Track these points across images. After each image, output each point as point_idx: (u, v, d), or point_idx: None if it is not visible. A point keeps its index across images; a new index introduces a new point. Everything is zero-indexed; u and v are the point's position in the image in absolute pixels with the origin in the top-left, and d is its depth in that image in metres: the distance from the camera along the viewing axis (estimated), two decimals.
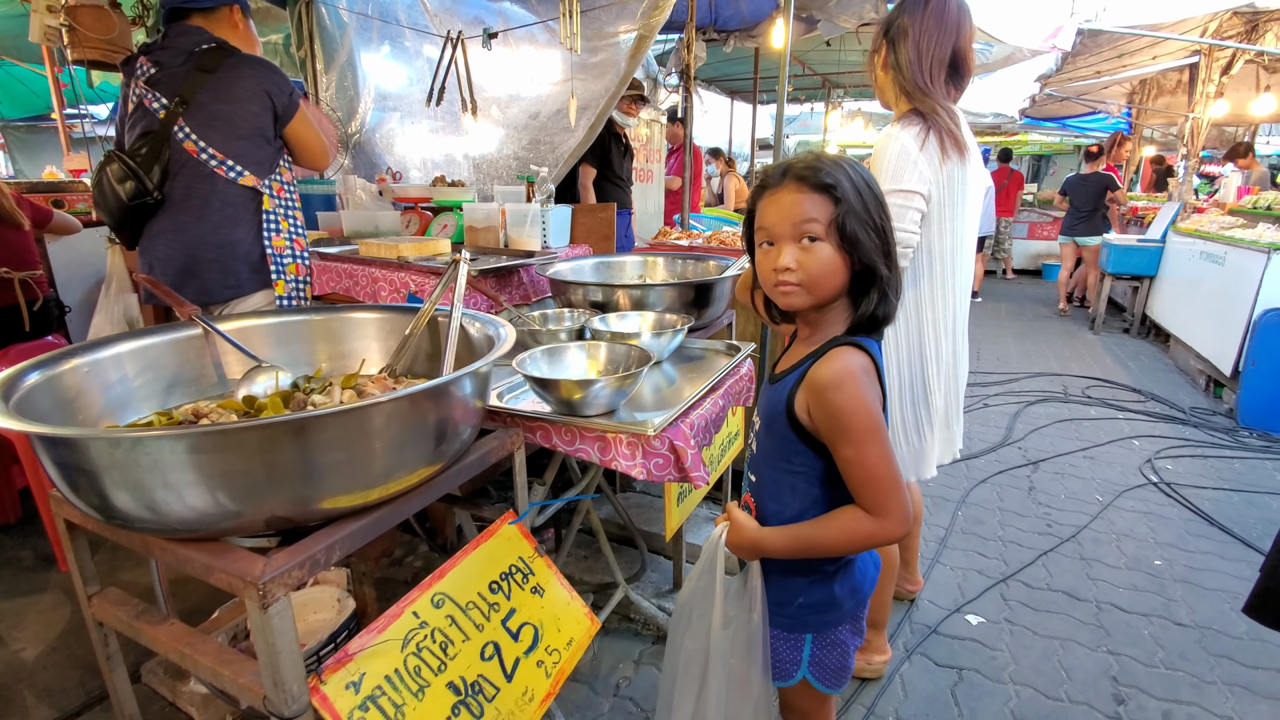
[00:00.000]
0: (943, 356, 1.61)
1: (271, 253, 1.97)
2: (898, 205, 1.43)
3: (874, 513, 0.94)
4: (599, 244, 2.74)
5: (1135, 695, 1.77)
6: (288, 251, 2.01)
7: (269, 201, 1.95)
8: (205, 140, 1.82)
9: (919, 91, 1.49)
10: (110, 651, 1.13)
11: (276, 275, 1.99)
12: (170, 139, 1.81)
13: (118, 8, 3.06)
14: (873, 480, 0.93)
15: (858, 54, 6.01)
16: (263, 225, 1.95)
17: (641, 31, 2.76)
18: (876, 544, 0.97)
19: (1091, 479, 3.08)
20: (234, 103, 1.84)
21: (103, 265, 2.99)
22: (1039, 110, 8.89)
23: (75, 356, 1.04)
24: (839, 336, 0.99)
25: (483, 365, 1.02)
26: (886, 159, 1.46)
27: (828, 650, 1.10)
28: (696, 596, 1.11)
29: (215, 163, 1.84)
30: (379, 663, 0.91)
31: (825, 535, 0.97)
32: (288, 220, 2.01)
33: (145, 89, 1.83)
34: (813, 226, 0.93)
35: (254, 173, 1.90)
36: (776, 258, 0.95)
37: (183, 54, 1.84)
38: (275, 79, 1.90)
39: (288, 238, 2.01)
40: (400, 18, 3.55)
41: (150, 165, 1.81)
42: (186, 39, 1.86)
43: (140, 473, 0.76)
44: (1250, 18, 4.92)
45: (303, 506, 0.84)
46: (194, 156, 1.83)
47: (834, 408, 0.92)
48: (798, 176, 0.94)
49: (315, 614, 1.58)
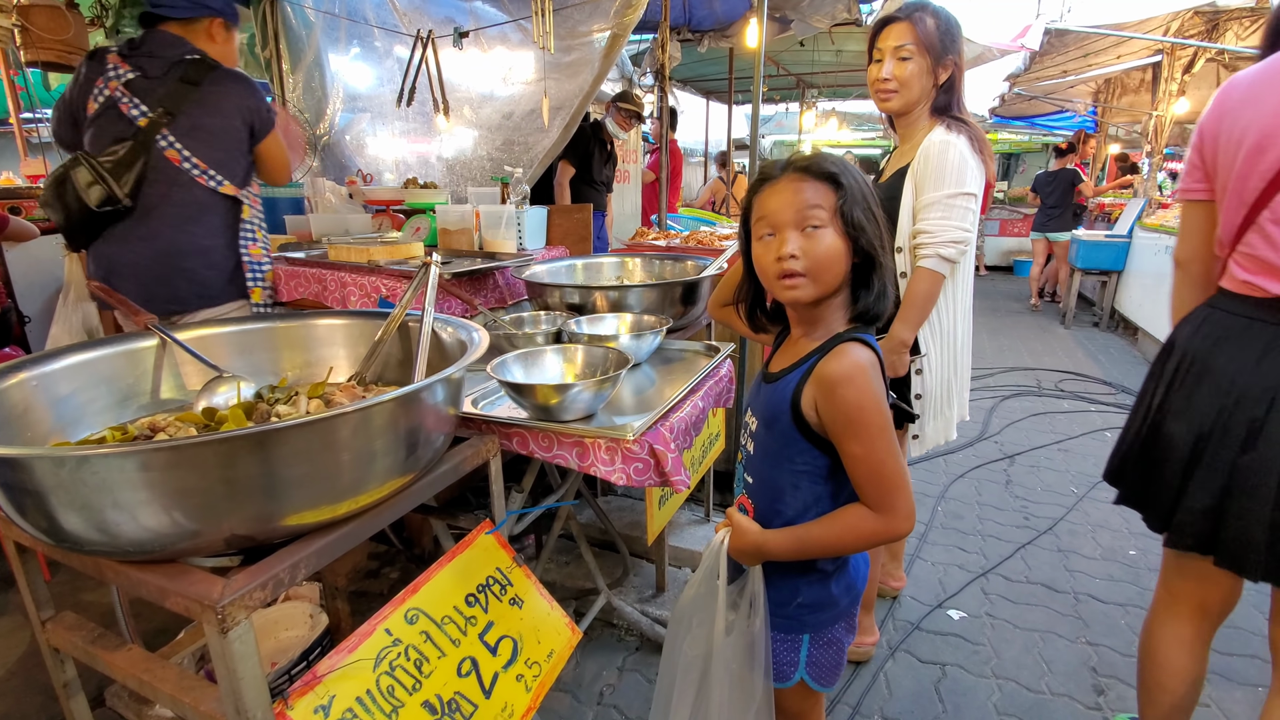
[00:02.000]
0: (965, 334, 1.75)
1: (249, 260, 1.96)
2: (962, 207, 1.53)
3: (880, 510, 0.93)
4: (575, 245, 2.72)
5: (1114, 685, 1.79)
6: (265, 258, 2.01)
7: (248, 210, 1.95)
8: (190, 150, 1.81)
9: (963, 111, 1.61)
10: (68, 678, 1.07)
11: (254, 283, 1.98)
12: (151, 147, 1.78)
13: (75, 8, 2.95)
14: (880, 477, 0.92)
15: (830, 54, 6.05)
16: (239, 233, 1.95)
17: (615, 30, 2.73)
18: (881, 541, 0.96)
19: (1066, 471, 3.12)
20: (219, 117, 1.85)
21: (61, 273, 2.88)
22: (1008, 109, 9.04)
23: (21, 370, 0.98)
24: (843, 332, 0.98)
25: (455, 371, 0.98)
26: (949, 164, 1.52)
27: (824, 649, 1.10)
28: (697, 603, 1.09)
29: (197, 172, 1.83)
30: (350, 684, 0.87)
31: (829, 534, 0.97)
32: (261, 229, 2.01)
33: (122, 92, 1.78)
34: (816, 213, 0.93)
35: (233, 182, 1.90)
36: (779, 247, 0.95)
37: (166, 63, 1.82)
38: (255, 96, 1.93)
39: (263, 245, 2.00)
40: (369, 17, 3.48)
41: (123, 172, 1.76)
42: (170, 48, 1.84)
43: (89, 493, 0.71)
44: (1211, 16, 5.04)
45: (266, 524, 0.80)
46: (176, 165, 1.81)
47: (845, 404, 0.92)
48: (799, 168, 0.95)
49: (286, 631, 1.53)
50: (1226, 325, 1.17)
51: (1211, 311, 1.21)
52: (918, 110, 1.63)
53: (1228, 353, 1.15)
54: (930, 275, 1.55)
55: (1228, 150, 1.14)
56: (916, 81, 1.57)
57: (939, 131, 1.56)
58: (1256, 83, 1.12)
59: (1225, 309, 1.19)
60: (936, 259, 1.53)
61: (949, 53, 1.57)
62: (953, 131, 1.55)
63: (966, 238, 1.54)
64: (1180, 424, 1.20)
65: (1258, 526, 1.09)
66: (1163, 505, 1.23)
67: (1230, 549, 1.14)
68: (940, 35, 1.55)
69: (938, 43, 1.55)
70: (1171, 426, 1.21)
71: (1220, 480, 1.14)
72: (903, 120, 1.67)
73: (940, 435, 1.78)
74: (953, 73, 1.59)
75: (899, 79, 1.57)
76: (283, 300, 2.19)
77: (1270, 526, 1.08)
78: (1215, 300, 1.22)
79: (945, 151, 1.53)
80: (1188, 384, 1.20)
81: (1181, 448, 1.19)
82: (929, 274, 1.54)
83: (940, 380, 1.71)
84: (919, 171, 1.56)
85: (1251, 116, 1.09)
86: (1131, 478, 1.31)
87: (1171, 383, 1.24)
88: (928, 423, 1.73)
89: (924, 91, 1.59)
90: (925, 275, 1.55)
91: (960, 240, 1.53)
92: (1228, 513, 1.13)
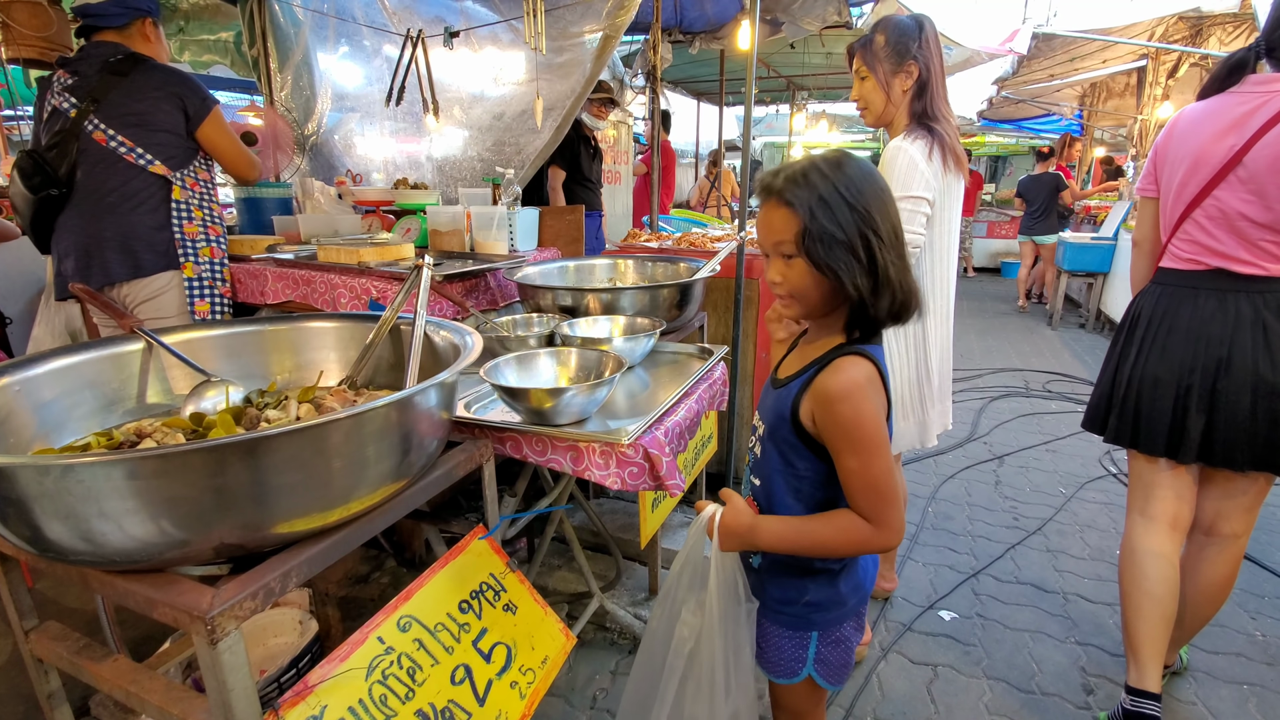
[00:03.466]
0: (940, 339, 1.78)
1: (181, 237, 2.06)
2: (907, 210, 1.56)
3: (872, 522, 0.94)
4: (567, 247, 2.70)
5: (1103, 685, 1.81)
6: (201, 236, 2.10)
7: (179, 191, 2.05)
8: (115, 130, 1.93)
9: (938, 116, 1.64)
10: (52, 689, 1.05)
11: (185, 258, 2.08)
12: (80, 133, 1.91)
13: (56, 4, 2.90)
14: (874, 491, 0.93)
15: (821, 56, 6.07)
16: (171, 212, 2.05)
17: (607, 32, 2.73)
18: (869, 550, 0.97)
19: (1054, 472, 3.15)
20: (144, 100, 1.95)
21: (43, 273, 2.83)
22: (996, 112, 9.11)
23: (4, 375, 0.96)
24: (844, 345, 0.98)
25: (449, 375, 0.97)
26: (896, 169, 1.59)
27: (832, 647, 1.11)
28: (682, 580, 1.11)
29: (124, 149, 1.94)
30: (342, 693, 0.86)
31: (821, 533, 0.97)
32: (202, 210, 2.11)
33: (62, 96, 1.93)
34: (784, 246, 0.93)
35: (165, 163, 2.00)
36: (768, 271, 0.99)
37: (98, 62, 1.94)
38: (187, 83, 2.02)
39: (201, 225, 2.11)
40: (358, 15, 3.45)
41: (60, 161, 1.91)
42: (100, 51, 1.97)
43: (74, 502, 0.70)
44: (1195, 22, 5.11)
45: (256, 532, 0.79)
46: (102, 145, 1.93)
47: (840, 419, 0.92)
48: (768, 190, 0.94)
49: (276, 638, 1.51)
50: (1179, 293, 1.54)
51: (1164, 286, 1.58)
52: (897, 120, 1.69)
53: (1187, 312, 1.52)
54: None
55: (1174, 164, 1.53)
56: (875, 96, 1.68)
57: (898, 139, 1.63)
58: (1197, 119, 1.50)
59: (1174, 283, 1.56)
60: None
61: (905, 58, 1.62)
62: (909, 138, 1.61)
63: (912, 239, 1.56)
64: (1164, 369, 1.54)
65: (1241, 432, 1.46)
66: (1161, 433, 1.55)
67: (1223, 452, 1.49)
68: (892, 46, 1.63)
69: (892, 54, 1.63)
70: (1158, 372, 1.55)
71: (1207, 404, 1.49)
72: (889, 130, 1.73)
73: (914, 439, 1.81)
74: (919, 76, 1.63)
75: (861, 98, 1.72)
76: (270, 302, 2.17)
77: (1249, 430, 1.45)
78: (1162, 277, 1.60)
79: (895, 157, 1.60)
80: (1160, 339, 1.55)
81: (1169, 386, 1.53)
82: None
83: (906, 380, 1.76)
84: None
85: (1193, 143, 1.48)
86: (1119, 420, 1.63)
87: (1144, 341, 1.58)
88: (895, 423, 1.75)
89: (887, 103, 1.67)
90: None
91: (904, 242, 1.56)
92: (1216, 426, 1.49)
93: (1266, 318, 1.43)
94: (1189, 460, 1.53)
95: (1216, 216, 1.46)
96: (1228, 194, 1.43)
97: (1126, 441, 1.62)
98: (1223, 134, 1.43)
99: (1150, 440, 1.57)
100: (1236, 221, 1.43)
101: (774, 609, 1.11)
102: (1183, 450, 1.53)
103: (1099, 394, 1.70)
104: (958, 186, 1.69)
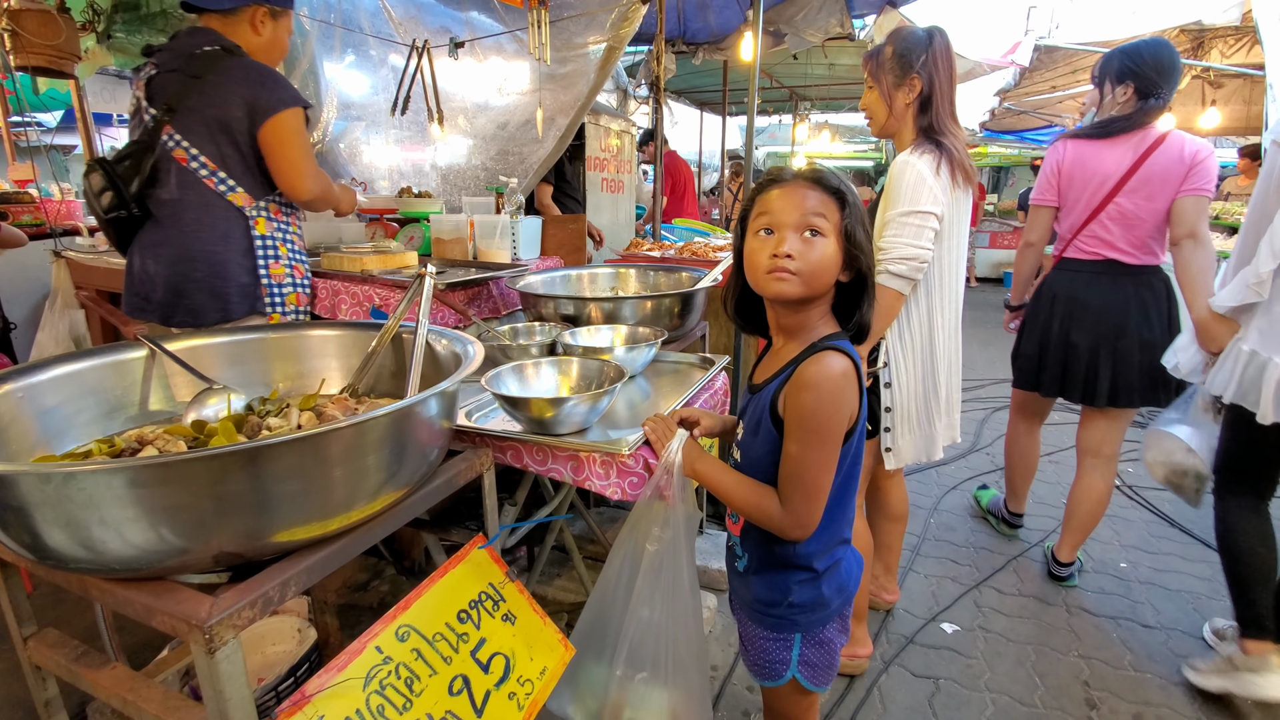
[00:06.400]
0: (948, 352, 1.77)
1: (268, 282, 1.80)
2: (915, 225, 1.56)
3: (785, 506, 0.99)
4: (570, 256, 2.71)
5: (1107, 699, 1.79)
6: (288, 280, 1.84)
7: (265, 225, 1.78)
8: (197, 148, 1.67)
9: (943, 131, 1.63)
10: (49, 696, 1.05)
11: (272, 308, 1.82)
12: (157, 147, 1.66)
13: (66, 12, 2.94)
14: (797, 480, 0.97)
15: (824, 67, 6.10)
16: (255, 250, 1.77)
17: (611, 43, 2.75)
18: (770, 528, 1.02)
19: (1057, 483, 3.14)
20: (217, 108, 1.66)
21: (48, 279, 2.85)
22: (998, 123, 9.13)
23: (7, 381, 0.96)
24: (826, 337, 1.01)
25: (450, 384, 0.98)
26: (904, 184, 1.57)
27: (816, 649, 1.11)
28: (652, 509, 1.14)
29: (206, 172, 1.69)
30: (339, 703, 0.86)
31: (739, 490, 1.05)
32: (286, 245, 1.84)
33: (142, 92, 1.70)
34: (820, 221, 0.96)
35: (246, 189, 1.74)
36: (777, 244, 0.97)
37: (181, 57, 1.68)
38: (265, 81, 1.69)
39: (288, 265, 1.84)
40: (364, 26, 3.48)
41: (131, 176, 1.66)
42: (190, 40, 1.70)
43: (74, 510, 0.70)
44: (1197, 35, 5.13)
45: (255, 541, 0.79)
46: (184, 165, 1.68)
47: (800, 405, 0.97)
48: (810, 178, 0.98)
49: (274, 646, 1.51)
50: (1085, 279, 2.12)
51: (1070, 272, 2.16)
52: (903, 132, 1.69)
53: (1093, 293, 2.10)
54: (881, 291, 1.58)
55: (1079, 180, 2.08)
56: (878, 108, 1.70)
57: (905, 153, 1.62)
58: (1097, 148, 2.05)
59: (1078, 270, 2.14)
60: (886, 275, 1.57)
61: (908, 73, 1.62)
62: (916, 152, 1.60)
63: (919, 254, 1.56)
64: (1081, 336, 2.10)
65: (1134, 379, 2.06)
66: (1078, 385, 2.14)
67: (1119, 396, 2.08)
68: (897, 59, 1.63)
69: (895, 67, 1.63)
70: (1076, 339, 2.11)
71: (1111, 362, 2.07)
72: (895, 142, 1.74)
73: (920, 452, 1.78)
74: (922, 89, 1.63)
75: (866, 109, 1.74)
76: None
77: (1140, 379, 2.05)
78: (1066, 265, 2.17)
79: (903, 172, 1.58)
80: (1075, 313, 2.12)
81: (1084, 349, 2.11)
82: (880, 289, 1.57)
83: (913, 394, 1.73)
84: (887, 191, 1.62)
85: (1094, 165, 2.05)
86: (1049, 378, 2.22)
87: (1064, 317, 2.14)
88: (901, 436, 1.74)
89: (889, 115, 1.68)
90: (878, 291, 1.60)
91: (911, 257, 1.55)
92: (1118, 377, 2.07)
93: (1144, 294, 2.05)
94: (1101, 405, 2.11)
95: (1117, 218, 2.02)
96: (1127, 199, 1.99)
97: (1055, 392, 2.23)
98: (1120, 157, 1.99)
99: (1071, 390, 2.16)
100: (1133, 222, 1.99)
101: (758, 611, 1.12)
102: (1096, 396, 2.10)
103: (1026, 359, 2.30)
104: (966, 201, 1.68)
